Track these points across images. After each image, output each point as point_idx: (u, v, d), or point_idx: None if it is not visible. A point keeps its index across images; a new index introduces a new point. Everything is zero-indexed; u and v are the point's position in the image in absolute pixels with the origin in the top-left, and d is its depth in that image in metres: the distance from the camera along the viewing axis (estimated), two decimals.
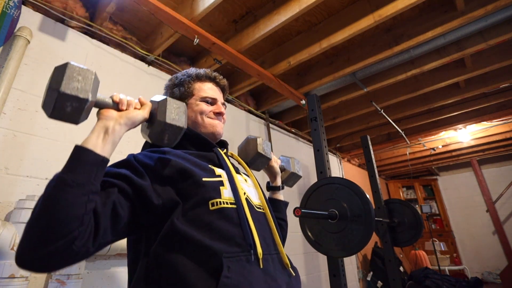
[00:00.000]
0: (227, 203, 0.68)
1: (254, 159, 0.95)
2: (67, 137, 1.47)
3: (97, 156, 0.53)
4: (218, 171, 0.76)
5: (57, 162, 1.41)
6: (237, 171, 0.85)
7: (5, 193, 1.23)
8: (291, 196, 2.92)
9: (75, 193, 0.49)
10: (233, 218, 0.66)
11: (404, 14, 1.94)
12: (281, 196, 1.08)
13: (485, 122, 3.61)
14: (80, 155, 0.53)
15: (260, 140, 0.97)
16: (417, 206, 5.45)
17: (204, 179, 0.69)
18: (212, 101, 0.90)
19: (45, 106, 0.54)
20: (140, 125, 0.68)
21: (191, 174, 0.68)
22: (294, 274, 0.72)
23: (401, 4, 1.62)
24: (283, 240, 0.95)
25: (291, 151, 3.21)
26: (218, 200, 0.67)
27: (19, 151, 1.30)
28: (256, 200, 0.79)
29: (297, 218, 1.34)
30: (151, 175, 0.65)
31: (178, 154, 0.74)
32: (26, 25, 1.44)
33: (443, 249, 4.67)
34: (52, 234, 0.46)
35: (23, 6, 1.44)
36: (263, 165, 1.00)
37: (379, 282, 3.58)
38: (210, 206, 0.66)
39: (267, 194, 1.07)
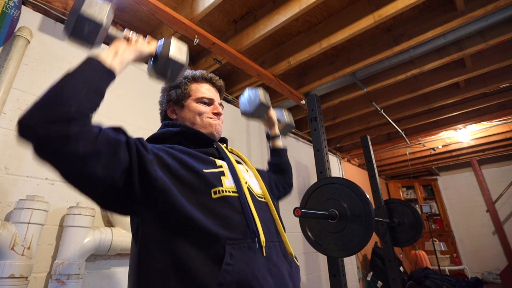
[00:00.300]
0: (229, 191, 0.70)
1: (258, 108, 1.06)
2: None
3: (104, 65, 0.61)
4: (219, 162, 0.78)
5: None
6: (238, 162, 0.88)
7: (5, 193, 1.23)
8: (291, 196, 2.92)
9: (78, 83, 0.55)
10: (236, 206, 0.68)
11: (404, 14, 1.94)
12: (281, 144, 1.21)
13: (485, 122, 3.61)
14: (89, 61, 0.60)
15: (262, 90, 1.07)
16: (417, 206, 5.45)
17: (205, 170, 0.71)
18: (209, 102, 0.91)
19: (66, 27, 0.65)
20: (147, 66, 0.79)
21: (192, 166, 0.70)
22: (296, 263, 0.74)
23: (401, 4, 1.62)
24: (288, 185, 1.16)
25: (291, 151, 3.21)
26: (220, 188, 0.69)
27: (19, 151, 1.30)
28: (257, 189, 0.81)
29: (297, 218, 1.34)
30: (155, 157, 0.67)
31: (180, 149, 0.76)
32: (26, 25, 1.44)
33: (443, 249, 4.67)
34: (53, 106, 0.51)
35: (23, 6, 1.44)
36: (264, 113, 1.12)
37: (379, 282, 3.58)
38: (212, 194, 0.67)
39: (269, 145, 1.22)
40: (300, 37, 2.10)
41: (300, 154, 3.35)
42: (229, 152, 0.88)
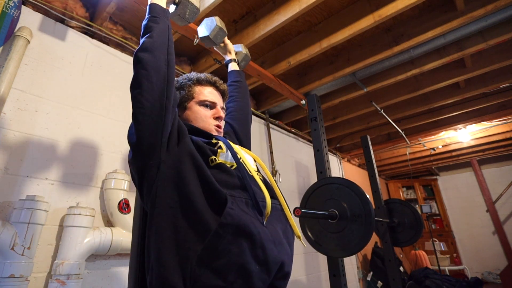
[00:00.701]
0: (225, 163, 0.77)
1: (214, 31, 1.20)
2: (67, 137, 1.47)
3: (163, 7, 0.85)
4: (216, 140, 0.85)
5: (57, 162, 1.41)
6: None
7: (5, 193, 1.23)
8: (291, 196, 2.92)
9: (162, 23, 0.81)
10: (233, 173, 0.75)
11: (404, 14, 1.94)
12: (237, 67, 1.32)
13: (485, 122, 3.61)
14: (155, 5, 0.83)
15: (218, 18, 1.21)
16: (417, 206, 5.45)
17: (204, 144, 0.79)
18: (212, 105, 0.93)
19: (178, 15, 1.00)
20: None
21: (197, 142, 0.78)
22: (294, 226, 0.79)
23: (401, 4, 1.62)
24: (240, 96, 1.22)
25: (291, 151, 3.21)
26: (214, 157, 0.76)
27: (19, 151, 1.30)
28: (253, 166, 0.86)
29: (297, 218, 1.34)
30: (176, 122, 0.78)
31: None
32: (26, 25, 1.44)
33: (443, 249, 4.67)
34: (159, 40, 0.78)
35: (23, 6, 1.44)
36: (222, 38, 1.25)
37: (379, 282, 3.58)
38: (210, 162, 0.75)
39: (228, 69, 1.30)
40: (300, 37, 2.10)
41: (300, 154, 3.35)
42: None
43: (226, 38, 1.30)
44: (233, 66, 1.30)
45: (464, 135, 3.98)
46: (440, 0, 1.83)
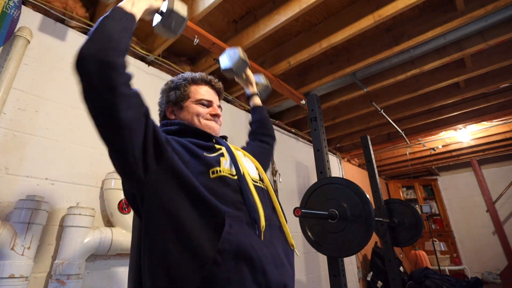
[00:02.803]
0: (227, 173, 0.74)
1: (237, 63, 1.16)
2: (67, 137, 1.47)
3: (127, 10, 0.73)
4: (218, 146, 0.82)
5: (57, 162, 1.41)
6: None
7: (5, 193, 1.23)
8: (291, 196, 2.92)
9: (115, 23, 0.68)
10: (233, 186, 0.71)
11: (404, 14, 1.94)
12: (259, 101, 1.29)
13: (485, 122, 3.61)
14: (115, 9, 0.72)
15: (241, 49, 1.17)
16: (417, 206, 5.45)
17: (205, 154, 0.76)
18: (208, 103, 0.93)
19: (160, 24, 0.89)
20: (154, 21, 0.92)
21: (195, 151, 0.75)
22: (292, 244, 0.76)
23: (401, 4, 1.62)
24: (271, 125, 1.23)
25: (291, 151, 3.21)
26: (217, 168, 0.73)
27: (19, 151, 1.30)
28: (254, 175, 0.83)
29: (297, 218, 1.34)
30: (166, 140, 0.73)
31: (182, 141, 0.79)
32: (26, 25, 1.44)
33: (443, 249, 4.67)
34: (103, 40, 0.64)
35: (23, 6, 1.44)
36: (244, 69, 1.21)
37: (379, 282, 3.58)
38: (210, 174, 0.71)
39: (249, 104, 1.29)
40: (300, 37, 2.10)
41: (300, 154, 3.35)
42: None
43: (248, 69, 1.26)
44: (255, 101, 1.27)
45: (464, 135, 3.98)
46: (440, 0, 1.83)
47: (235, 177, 0.74)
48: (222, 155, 0.77)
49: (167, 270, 0.60)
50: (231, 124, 2.50)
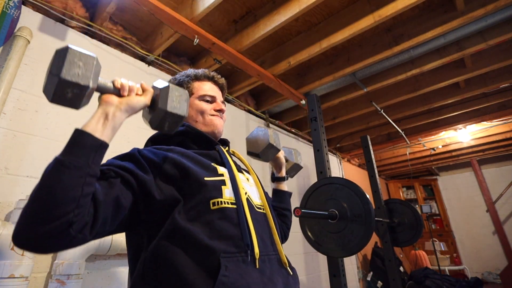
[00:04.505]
0: (228, 203, 0.69)
1: (265, 150, 0.96)
2: (67, 137, 1.47)
3: (96, 139, 0.54)
4: (221, 169, 0.76)
5: None
6: (239, 169, 0.86)
7: (5, 193, 1.23)
8: (291, 196, 2.91)
9: (72, 174, 0.49)
10: (233, 219, 0.67)
11: (404, 14, 1.94)
12: (285, 187, 1.12)
13: (485, 122, 3.61)
14: (79, 138, 0.54)
15: (271, 131, 0.98)
16: (417, 206, 5.45)
17: (206, 178, 0.69)
18: (212, 99, 0.91)
19: (46, 91, 0.54)
20: (141, 111, 0.67)
21: (193, 173, 0.68)
22: (292, 273, 0.72)
23: (401, 4, 1.62)
24: (288, 229, 1.06)
25: None
26: (219, 199, 0.68)
27: (19, 151, 1.30)
28: (257, 200, 0.80)
29: (297, 218, 1.34)
30: (155, 171, 0.66)
31: (182, 152, 0.74)
32: (26, 25, 1.44)
33: (443, 249, 4.67)
34: (48, 214, 0.46)
35: (23, 6, 1.44)
36: (272, 156, 1.01)
37: (379, 282, 3.58)
38: (211, 205, 0.66)
39: (272, 185, 1.12)
40: (300, 37, 2.10)
41: (300, 154, 3.35)
42: (231, 155, 0.88)
43: (279, 152, 1.07)
44: (278, 185, 1.11)
45: (464, 135, 3.98)
46: (440, 0, 1.83)
47: (234, 206, 0.69)
48: (223, 182, 0.72)
49: None
50: (231, 124, 2.50)
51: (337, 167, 4.11)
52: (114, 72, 1.76)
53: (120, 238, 1.38)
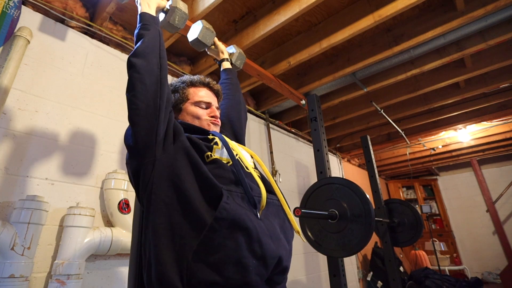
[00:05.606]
0: (220, 158, 0.79)
1: (203, 33, 1.24)
2: (67, 137, 1.47)
3: (152, 14, 0.89)
4: (212, 137, 0.86)
5: (57, 162, 1.41)
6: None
7: (5, 193, 1.23)
8: (291, 196, 2.92)
9: (152, 32, 0.83)
10: (227, 168, 0.76)
11: (404, 14, 1.94)
12: (230, 65, 1.35)
13: (485, 122, 3.61)
14: (144, 16, 0.86)
15: (204, 20, 1.25)
16: (417, 206, 5.45)
17: (201, 141, 0.81)
18: (207, 105, 0.95)
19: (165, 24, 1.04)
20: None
21: (193, 139, 0.79)
22: (292, 221, 0.79)
23: (401, 4, 1.62)
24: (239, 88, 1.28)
25: (291, 151, 3.21)
26: (210, 153, 0.78)
27: (19, 151, 1.30)
28: (250, 163, 0.86)
29: (297, 218, 1.34)
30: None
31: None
32: (26, 25, 1.44)
33: (443, 249, 4.67)
34: (150, 49, 0.79)
35: (23, 6, 1.44)
36: (211, 39, 1.28)
37: (379, 282, 3.58)
38: (206, 158, 0.77)
39: (221, 71, 1.32)
40: (300, 37, 2.10)
41: (300, 154, 3.35)
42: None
43: (216, 39, 1.32)
44: (224, 65, 1.33)
45: (464, 135, 3.98)
46: (440, 0, 1.83)
47: (230, 163, 0.78)
48: (216, 143, 0.82)
49: (169, 238, 0.64)
50: None
51: (337, 167, 4.11)
52: (114, 72, 1.76)
53: (120, 238, 1.38)
